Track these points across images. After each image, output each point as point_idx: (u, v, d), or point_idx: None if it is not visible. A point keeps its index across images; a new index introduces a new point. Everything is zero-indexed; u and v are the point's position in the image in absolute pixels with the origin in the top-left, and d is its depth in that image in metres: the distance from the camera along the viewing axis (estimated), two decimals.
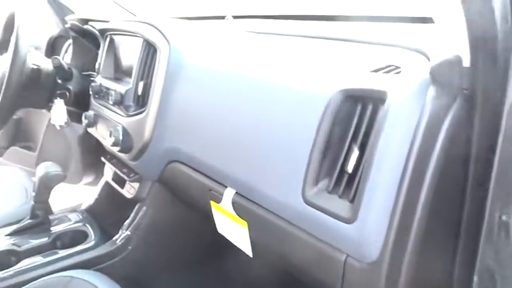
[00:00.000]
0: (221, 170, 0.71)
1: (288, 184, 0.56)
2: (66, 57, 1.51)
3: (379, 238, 0.46)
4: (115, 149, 0.92)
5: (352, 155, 0.50)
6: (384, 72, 0.56)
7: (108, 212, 1.14)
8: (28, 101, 1.14)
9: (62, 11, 1.67)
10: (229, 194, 0.68)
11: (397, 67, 0.57)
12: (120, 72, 1.05)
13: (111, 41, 1.06)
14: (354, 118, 0.51)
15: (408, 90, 0.46)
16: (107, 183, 1.16)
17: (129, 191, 1.01)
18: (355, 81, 0.54)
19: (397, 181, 0.44)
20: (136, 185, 0.98)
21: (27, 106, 1.22)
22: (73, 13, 1.61)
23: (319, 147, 0.52)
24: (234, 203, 0.67)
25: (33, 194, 0.99)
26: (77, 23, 1.27)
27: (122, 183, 1.05)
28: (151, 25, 0.88)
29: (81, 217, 1.08)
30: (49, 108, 1.27)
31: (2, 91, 1.04)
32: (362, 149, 0.49)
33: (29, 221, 1.00)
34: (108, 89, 0.98)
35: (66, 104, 1.15)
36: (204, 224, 0.84)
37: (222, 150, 0.71)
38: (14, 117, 1.92)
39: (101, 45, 1.11)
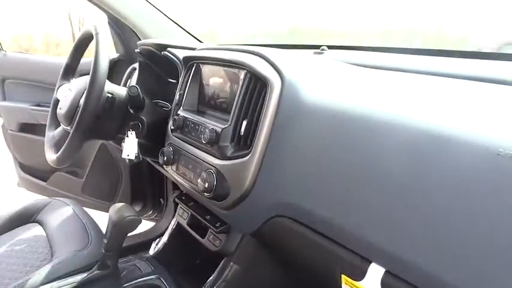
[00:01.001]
0: (361, 237, 0.56)
1: None
2: (129, 84, 1.43)
3: None
4: (205, 195, 0.79)
5: None
6: None
7: (180, 259, 1.01)
8: (98, 132, 1.04)
9: (123, 34, 1.61)
10: (376, 272, 0.54)
11: None
12: (205, 106, 0.93)
13: (197, 70, 0.95)
14: None
15: None
16: (179, 227, 1.03)
17: (213, 242, 0.87)
18: None
19: None
20: (222, 236, 0.85)
21: (96, 138, 1.11)
22: (136, 36, 1.54)
23: None
24: (384, 285, 0.53)
25: (105, 241, 0.86)
26: (151, 49, 1.18)
27: (202, 231, 0.91)
28: (259, 55, 0.77)
29: (152, 268, 0.95)
30: (117, 140, 1.16)
31: (76, 122, 0.94)
32: None
33: (98, 271, 0.88)
34: (196, 124, 0.86)
35: (137, 136, 1.04)
36: None
37: (364, 212, 0.57)
38: None
39: (182, 74, 1.01)
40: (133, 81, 1.34)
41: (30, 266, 1.01)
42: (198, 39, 1.58)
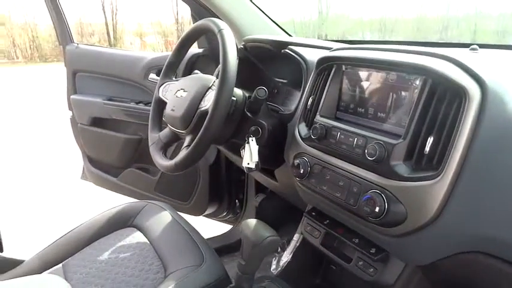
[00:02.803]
0: None
1: None
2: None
3: None
4: (371, 220, 0.69)
5: None
6: None
7: (304, 278, 0.92)
8: (217, 137, 0.95)
9: None
10: None
11: None
12: (348, 113, 0.82)
13: (337, 73, 0.84)
14: None
15: None
16: (305, 242, 0.93)
17: (363, 269, 0.77)
18: None
19: None
20: (379, 265, 0.75)
21: (213, 142, 1.02)
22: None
23: None
24: None
25: (243, 263, 0.78)
26: (265, 46, 1.08)
27: (343, 253, 0.82)
28: (445, 57, 0.65)
29: None
30: (228, 146, 1.08)
31: (204, 127, 0.85)
32: None
33: None
34: (348, 135, 0.75)
35: (257, 142, 0.95)
36: None
37: None
38: (135, 136, 1.79)
39: (313, 76, 0.90)
40: None
41: (144, 279, 0.94)
42: (288, 34, 1.47)
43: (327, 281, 0.96)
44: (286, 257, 0.94)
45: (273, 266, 0.95)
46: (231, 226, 1.82)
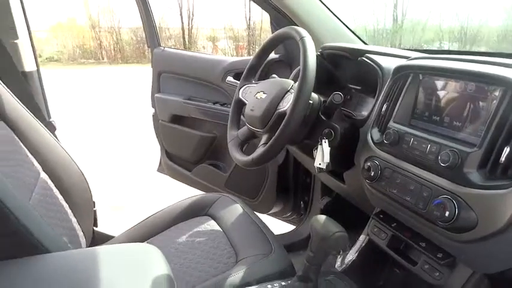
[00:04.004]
0: None
1: None
2: None
3: None
4: (439, 224, 0.71)
5: None
6: None
7: (372, 276, 0.96)
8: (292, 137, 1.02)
9: None
10: None
11: None
12: (422, 120, 0.85)
13: (414, 82, 0.87)
14: None
15: None
16: (371, 243, 0.97)
17: (429, 273, 0.79)
18: None
19: None
20: (445, 269, 0.77)
21: (288, 143, 1.09)
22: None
23: None
24: None
25: (311, 254, 0.83)
26: (342, 53, 1.13)
27: (409, 256, 0.84)
28: None
29: (348, 285, 0.90)
30: (302, 146, 1.14)
31: (282, 127, 0.93)
32: None
33: (299, 282, 0.85)
34: (421, 141, 0.78)
35: (329, 144, 1.00)
36: None
37: None
38: (210, 134, 1.91)
39: (389, 83, 0.94)
40: None
41: (217, 262, 1.03)
42: (364, 42, 1.50)
43: (389, 283, 0.98)
44: (351, 255, 0.98)
45: (338, 263, 0.99)
46: (294, 227, 1.87)
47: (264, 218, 1.29)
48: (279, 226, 1.91)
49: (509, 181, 0.63)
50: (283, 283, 0.88)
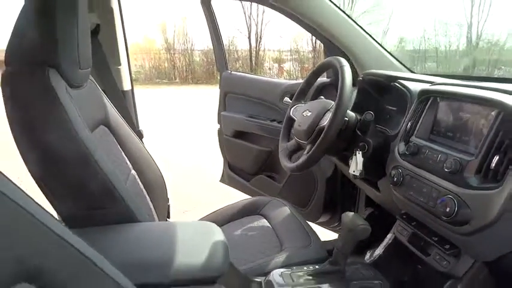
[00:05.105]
0: None
1: None
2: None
3: None
4: (443, 218, 0.87)
5: None
6: None
7: (396, 270, 1.11)
8: (329, 149, 1.22)
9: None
10: None
11: None
12: (438, 136, 1.01)
13: (433, 103, 1.04)
14: None
15: None
16: (395, 241, 1.13)
17: (439, 262, 0.95)
18: None
19: None
20: (451, 259, 0.92)
21: (327, 153, 1.29)
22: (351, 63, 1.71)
23: None
24: None
25: (340, 244, 1.02)
26: (379, 79, 1.32)
27: (423, 248, 1.00)
28: None
29: (372, 273, 1.07)
30: (340, 157, 1.34)
31: (320, 139, 1.14)
32: None
33: (329, 266, 1.04)
34: (434, 152, 0.95)
35: (363, 156, 1.18)
36: None
37: None
38: (267, 148, 2.14)
39: (415, 104, 1.11)
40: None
41: (265, 249, 1.25)
42: (410, 70, 1.66)
43: (414, 280, 1.12)
44: (379, 250, 1.14)
45: (367, 256, 1.15)
46: None
47: (315, 227, 1.48)
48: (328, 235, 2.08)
49: (497, 183, 0.78)
50: (317, 266, 1.07)
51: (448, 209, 0.84)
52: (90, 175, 0.89)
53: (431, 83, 1.12)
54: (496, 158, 0.80)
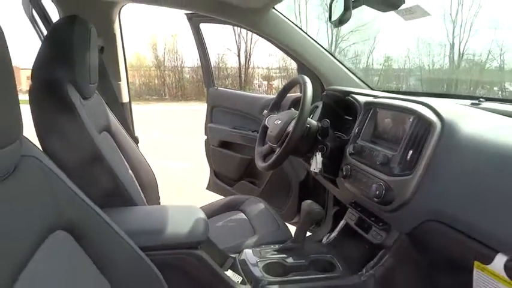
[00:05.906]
0: (492, 233, 0.81)
1: None
2: (311, 117, 1.86)
3: None
4: (375, 200, 1.13)
5: None
6: None
7: (346, 248, 1.36)
8: (295, 151, 1.47)
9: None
10: (501, 259, 0.79)
11: None
12: (377, 137, 1.27)
13: (374, 112, 1.31)
14: None
15: None
16: (346, 226, 1.38)
17: (374, 237, 1.20)
18: None
19: None
20: (383, 233, 1.17)
21: (293, 155, 1.55)
22: (319, 81, 1.98)
23: None
24: (507, 268, 0.78)
25: (300, 225, 1.27)
26: (337, 94, 1.59)
27: (366, 229, 1.25)
28: (426, 105, 1.08)
29: (326, 249, 1.32)
30: (305, 158, 1.59)
31: (285, 143, 1.39)
32: None
33: (291, 243, 1.28)
34: (371, 150, 1.21)
35: (322, 156, 1.44)
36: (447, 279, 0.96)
37: (496, 216, 0.81)
38: (248, 157, 2.39)
39: (361, 114, 1.37)
40: (315, 116, 1.76)
41: (241, 235, 1.49)
42: (369, 86, 1.94)
43: (360, 254, 1.37)
44: (334, 233, 1.39)
45: (324, 239, 1.40)
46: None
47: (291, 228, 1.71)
48: None
49: (411, 171, 1.04)
50: (281, 245, 1.31)
51: (377, 192, 1.10)
52: (103, 169, 1.12)
53: (376, 96, 1.39)
54: (411, 152, 1.06)
